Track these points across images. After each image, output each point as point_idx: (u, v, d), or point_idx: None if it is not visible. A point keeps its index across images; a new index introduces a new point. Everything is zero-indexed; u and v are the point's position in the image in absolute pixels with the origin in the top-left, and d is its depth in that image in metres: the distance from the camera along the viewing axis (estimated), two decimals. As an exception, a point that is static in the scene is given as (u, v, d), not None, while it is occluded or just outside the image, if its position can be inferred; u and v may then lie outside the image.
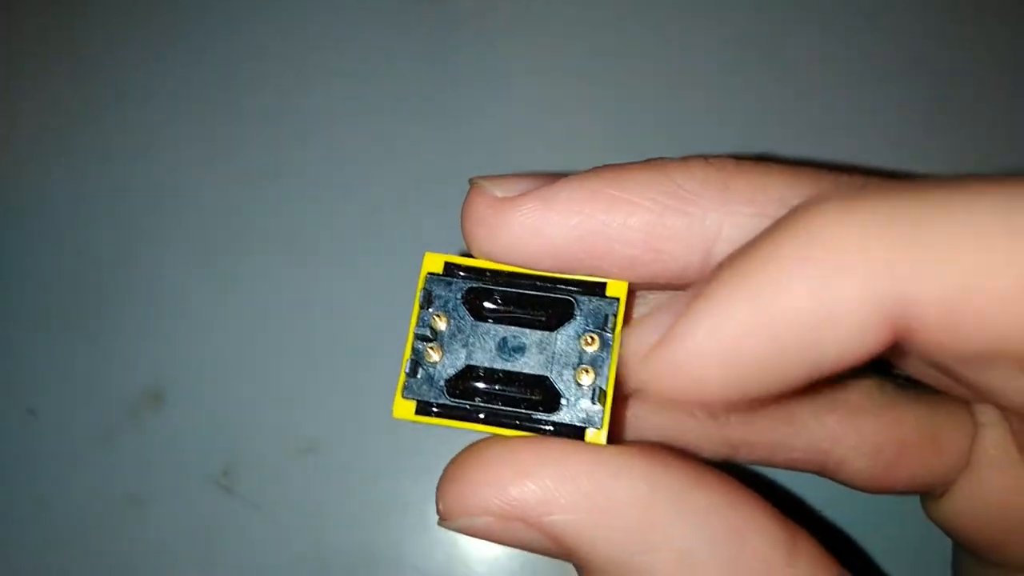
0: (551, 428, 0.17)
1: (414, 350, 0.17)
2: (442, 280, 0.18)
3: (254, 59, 0.34)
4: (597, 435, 0.17)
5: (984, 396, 0.18)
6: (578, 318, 0.17)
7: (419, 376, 0.17)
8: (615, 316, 0.17)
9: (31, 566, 0.30)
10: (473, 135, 0.33)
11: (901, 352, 0.15)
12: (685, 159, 0.17)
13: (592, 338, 0.17)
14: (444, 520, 0.17)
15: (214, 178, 0.33)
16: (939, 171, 0.29)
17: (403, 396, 0.17)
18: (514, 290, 0.18)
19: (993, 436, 0.21)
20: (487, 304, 0.18)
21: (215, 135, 0.33)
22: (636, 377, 0.16)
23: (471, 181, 0.18)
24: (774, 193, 0.16)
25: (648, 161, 0.17)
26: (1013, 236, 0.13)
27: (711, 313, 0.14)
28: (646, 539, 0.15)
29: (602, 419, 0.17)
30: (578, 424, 0.17)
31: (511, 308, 0.18)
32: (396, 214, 0.33)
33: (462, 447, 0.17)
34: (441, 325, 0.17)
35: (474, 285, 0.18)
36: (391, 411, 0.17)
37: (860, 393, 0.22)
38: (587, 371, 0.17)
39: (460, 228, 0.18)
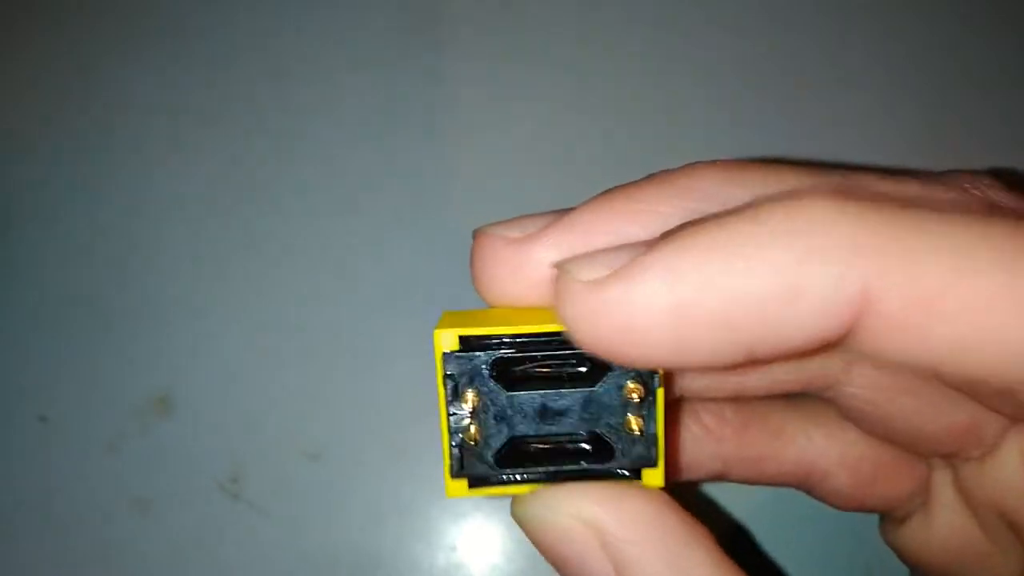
0: (607, 476, 0.17)
1: (452, 434, 0.17)
2: (461, 357, 0.16)
3: (263, 66, 0.34)
4: (654, 475, 0.17)
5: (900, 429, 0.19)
6: (616, 367, 0.16)
7: (464, 455, 0.17)
8: None
9: (40, 571, 0.31)
10: (474, 149, 0.34)
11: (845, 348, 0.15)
12: (688, 165, 0.17)
13: (634, 384, 0.16)
14: (532, 510, 0.17)
15: (223, 186, 0.33)
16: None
17: (452, 477, 0.17)
18: (544, 353, 0.17)
19: (945, 478, 0.21)
20: (517, 371, 0.17)
21: (224, 144, 0.33)
22: (569, 310, 0.15)
23: (477, 232, 0.17)
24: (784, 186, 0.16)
25: (652, 175, 0.17)
26: (1006, 271, 0.13)
27: (679, 261, 0.14)
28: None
29: (656, 459, 0.16)
30: (633, 469, 0.17)
31: (544, 371, 0.17)
32: (403, 225, 0.33)
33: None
34: (474, 402, 0.16)
35: (498, 356, 0.16)
36: (444, 492, 0.17)
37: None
38: (635, 419, 0.16)
39: (473, 277, 0.17)
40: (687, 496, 0.17)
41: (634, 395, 0.16)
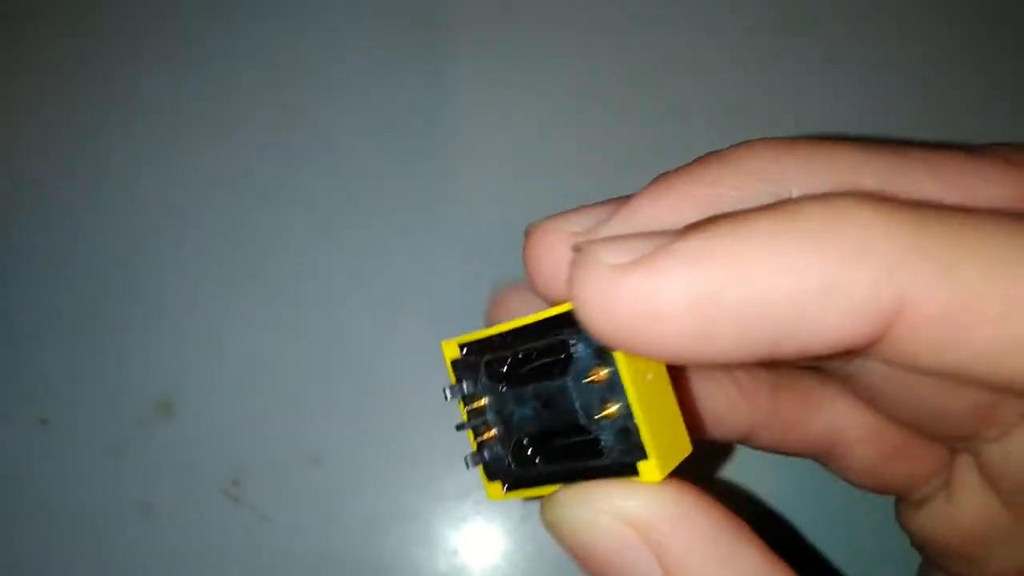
0: (607, 473, 0.16)
1: (475, 435, 0.17)
2: (465, 362, 0.17)
3: (267, 71, 0.34)
4: (648, 467, 0.15)
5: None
6: (576, 354, 0.16)
7: (489, 458, 0.17)
8: None
9: (41, 575, 0.31)
10: (475, 150, 0.34)
11: (873, 353, 0.14)
12: (740, 144, 0.16)
13: (597, 368, 0.15)
14: (564, 512, 0.16)
15: (225, 190, 0.33)
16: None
17: (489, 481, 0.17)
18: (521, 346, 0.16)
19: (968, 460, 0.21)
20: (506, 369, 0.17)
21: (227, 149, 0.34)
22: (584, 293, 0.14)
23: (530, 228, 0.17)
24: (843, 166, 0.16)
25: (705, 156, 0.16)
26: None
27: (707, 253, 0.13)
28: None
29: (644, 448, 0.15)
30: (627, 461, 0.15)
31: (526, 365, 0.17)
32: (404, 228, 0.33)
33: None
34: (484, 402, 0.17)
35: (489, 357, 0.17)
36: (487, 495, 0.17)
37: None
38: (610, 402, 0.15)
39: (528, 276, 0.17)
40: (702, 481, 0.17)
41: (599, 377, 0.15)
